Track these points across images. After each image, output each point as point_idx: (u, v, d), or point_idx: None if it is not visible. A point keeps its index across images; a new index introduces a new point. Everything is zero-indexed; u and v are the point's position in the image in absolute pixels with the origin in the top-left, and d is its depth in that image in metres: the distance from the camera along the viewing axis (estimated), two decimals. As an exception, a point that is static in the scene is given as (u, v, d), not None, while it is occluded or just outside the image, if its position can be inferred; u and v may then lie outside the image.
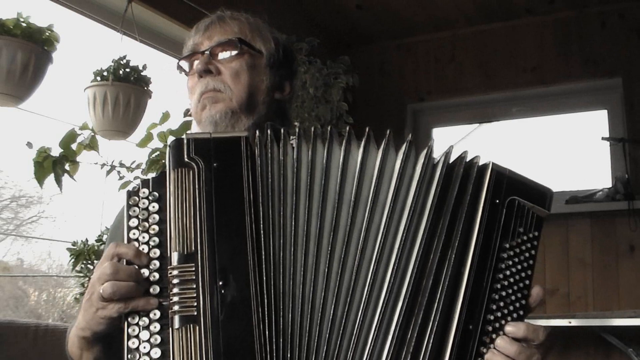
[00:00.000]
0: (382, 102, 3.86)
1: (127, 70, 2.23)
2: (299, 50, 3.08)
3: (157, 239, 0.91)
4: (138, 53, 2.43)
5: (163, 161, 2.29)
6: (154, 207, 0.93)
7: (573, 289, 3.31)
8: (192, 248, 0.89)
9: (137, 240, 0.91)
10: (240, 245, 0.89)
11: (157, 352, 0.87)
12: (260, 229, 0.90)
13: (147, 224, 0.92)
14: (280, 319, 0.89)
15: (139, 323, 0.88)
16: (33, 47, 1.97)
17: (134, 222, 0.92)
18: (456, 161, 0.98)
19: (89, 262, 2.31)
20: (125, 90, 2.20)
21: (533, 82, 3.59)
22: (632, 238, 3.22)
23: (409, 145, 0.96)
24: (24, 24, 1.97)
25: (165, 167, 0.94)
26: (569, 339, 3.16)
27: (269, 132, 0.95)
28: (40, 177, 2.15)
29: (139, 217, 0.92)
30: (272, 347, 0.87)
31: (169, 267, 0.89)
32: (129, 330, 0.88)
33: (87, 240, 2.33)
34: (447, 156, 0.97)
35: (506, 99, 3.73)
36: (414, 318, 0.91)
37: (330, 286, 0.91)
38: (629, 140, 3.29)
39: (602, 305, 3.22)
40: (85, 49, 2.94)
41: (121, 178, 2.32)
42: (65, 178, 2.18)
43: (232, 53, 1.23)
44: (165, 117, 2.35)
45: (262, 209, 0.91)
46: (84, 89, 2.22)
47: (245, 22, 1.27)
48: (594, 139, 3.45)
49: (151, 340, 0.87)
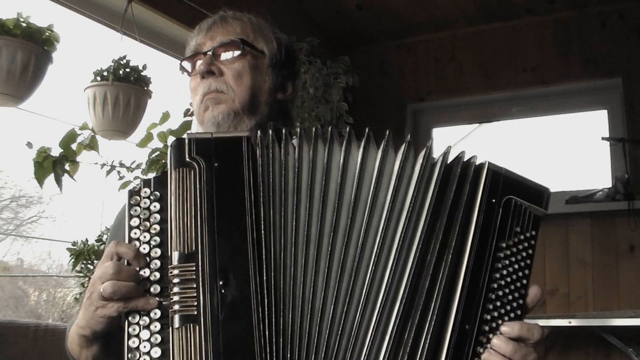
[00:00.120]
0: (382, 102, 3.86)
1: (127, 70, 2.23)
2: (299, 50, 3.08)
3: (158, 239, 0.91)
4: (138, 53, 2.44)
5: (163, 161, 2.29)
6: (155, 207, 0.93)
7: (573, 289, 3.31)
8: (193, 247, 0.89)
9: (138, 239, 0.92)
10: (240, 245, 0.89)
11: (157, 352, 0.87)
12: (260, 229, 0.90)
13: (148, 224, 0.92)
14: (280, 319, 0.89)
15: (140, 322, 0.88)
16: (33, 47, 1.97)
17: (135, 222, 0.92)
18: (454, 161, 0.98)
19: (89, 262, 2.31)
20: (125, 90, 2.20)
21: (533, 82, 3.59)
22: (632, 238, 3.22)
23: (407, 146, 0.96)
24: (24, 24, 1.97)
25: (166, 167, 0.94)
26: (569, 339, 3.16)
27: (271, 132, 0.95)
28: (40, 177, 2.15)
29: (140, 216, 0.92)
30: (271, 346, 0.87)
31: (170, 266, 0.89)
32: (130, 330, 0.88)
33: (87, 240, 2.33)
34: (445, 156, 0.97)
35: (506, 99, 3.73)
36: (411, 318, 0.92)
37: (329, 286, 0.92)
38: (629, 140, 3.29)
39: (602, 305, 3.22)
40: (85, 49, 2.94)
41: (121, 178, 2.32)
42: (65, 178, 2.18)
43: (234, 54, 1.22)
44: (165, 117, 2.35)
45: (263, 209, 0.91)
46: (84, 89, 2.23)
47: (248, 22, 1.26)
48: (594, 139, 3.45)
49: (151, 340, 0.87)
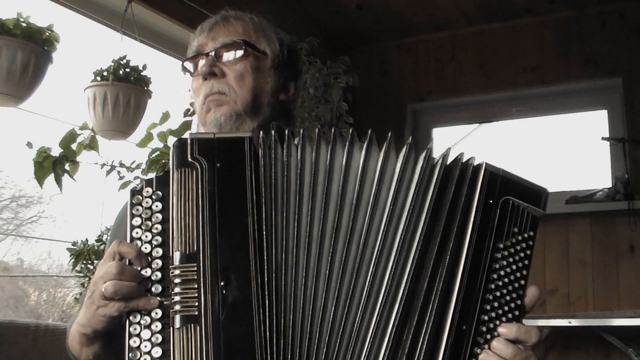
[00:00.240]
0: (382, 102, 3.86)
1: (127, 70, 2.23)
2: (299, 50, 3.08)
3: (159, 238, 0.91)
4: (138, 53, 2.44)
5: (163, 161, 2.29)
6: (157, 206, 0.93)
7: (573, 289, 3.31)
8: (195, 248, 0.89)
9: (139, 239, 0.92)
10: (242, 246, 0.89)
11: (157, 351, 0.87)
12: (262, 230, 0.90)
13: (150, 223, 0.92)
14: (281, 320, 0.89)
15: (141, 322, 0.88)
16: (33, 47, 1.97)
17: (137, 221, 0.92)
18: (453, 163, 0.98)
19: (89, 262, 2.31)
20: (125, 90, 2.20)
21: (533, 82, 3.59)
22: (632, 238, 3.22)
23: (409, 148, 0.96)
24: (24, 24, 1.97)
25: (167, 167, 0.94)
26: (569, 339, 3.16)
27: (273, 132, 0.95)
28: (40, 177, 2.15)
29: (142, 215, 0.92)
30: (272, 347, 0.87)
31: (171, 266, 0.89)
32: (130, 329, 0.88)
33: (87, 240, 2.33)
34: (445, 158, 0.97)
35: (506, 99, 3.73)
36: (409, 319, 0.92)
37: (330, 287, 0.92)
38: (629, 140, 3.29)
39: (602, 305, 3.22)
40: (85, 49, 2.94)
41: (121, 178, 2.32)
42: (65, 178, 2.18)
43: (236, 55, 1.22)
44: (165, 117, 2.35)
45: (264, 210, 0.91)
46: (84, 89, 2.23)
47: (250, 23, 1.26)
48: (594, 139, 3.45)
49: (152, 339, 0.87)
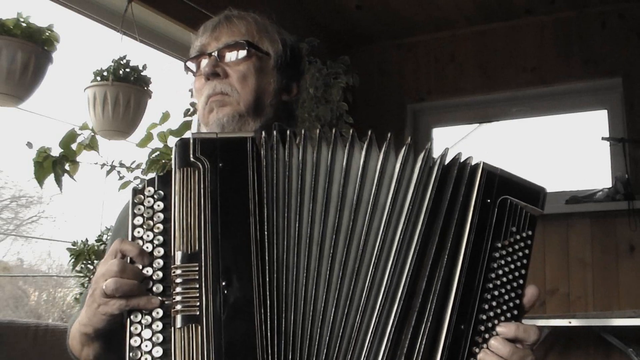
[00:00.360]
0: (382, 102, 3.86)
1: (127, 70, 2.23)
2: (302, 50, 3.08)
3: (161, 238, 0.91)
4: (138, 53, 2.44)
5: (163, 161, 2.29)
6: (159, 206, 0.93)
7: (573, 289, 3.31)
8: (196, 247, 0.89)
9: (141, 238, 0.91)
10: (243, 246, 0.89)
11: (158, 351, 0.87)
12: (264, 230, 0.90)
13: (151, 223, 0.92)
14: (282, 320, 0.89)
15: (142, 321, 0.88)
16: (33, 47, 1.97)
17: (138, 220, 0.92)
18: (451, 162, 0.98)
19: (89, 262, 2.31)
20: (125, 90, 2.20)
21: (533, 82, 3.59)
22: (632, 238, 3.22)
23: (408, 149, 0.96)
24: (24, 24, 1.97)
25: (168, 167, 0.93)
26: (569, 339, 3.16)
27: (275, 133, 0.94)
28: (40, 177, 2.15)
29: (144, 215, 0.92)
30: (273, 347, 0.87)
31: (173, 266, 0.89)
32: (131, 328, 0.88)
33: (87, 240, 2.33)
34: (443, 158, 0.97)
35: (506, 99, 3.73)
36: (408, 319, 0.92)
37: (331, 288, 0.92)
38: (629, 140, 3.29)
39: (602, 305, 3.22)
40: (85, 49, 2.94)
41: (121, 178, 2.32)
42: (65, 178, 2.18)
43: (239, 55, 1.21)
44: (165, 117, 2.35)
45: (266, 210, 0.91)
46: (84, 89, 2.23)
47: (253, 23, 1.25)
48: (594, 139, 3.45)
49: (153, 339, 0.87)
